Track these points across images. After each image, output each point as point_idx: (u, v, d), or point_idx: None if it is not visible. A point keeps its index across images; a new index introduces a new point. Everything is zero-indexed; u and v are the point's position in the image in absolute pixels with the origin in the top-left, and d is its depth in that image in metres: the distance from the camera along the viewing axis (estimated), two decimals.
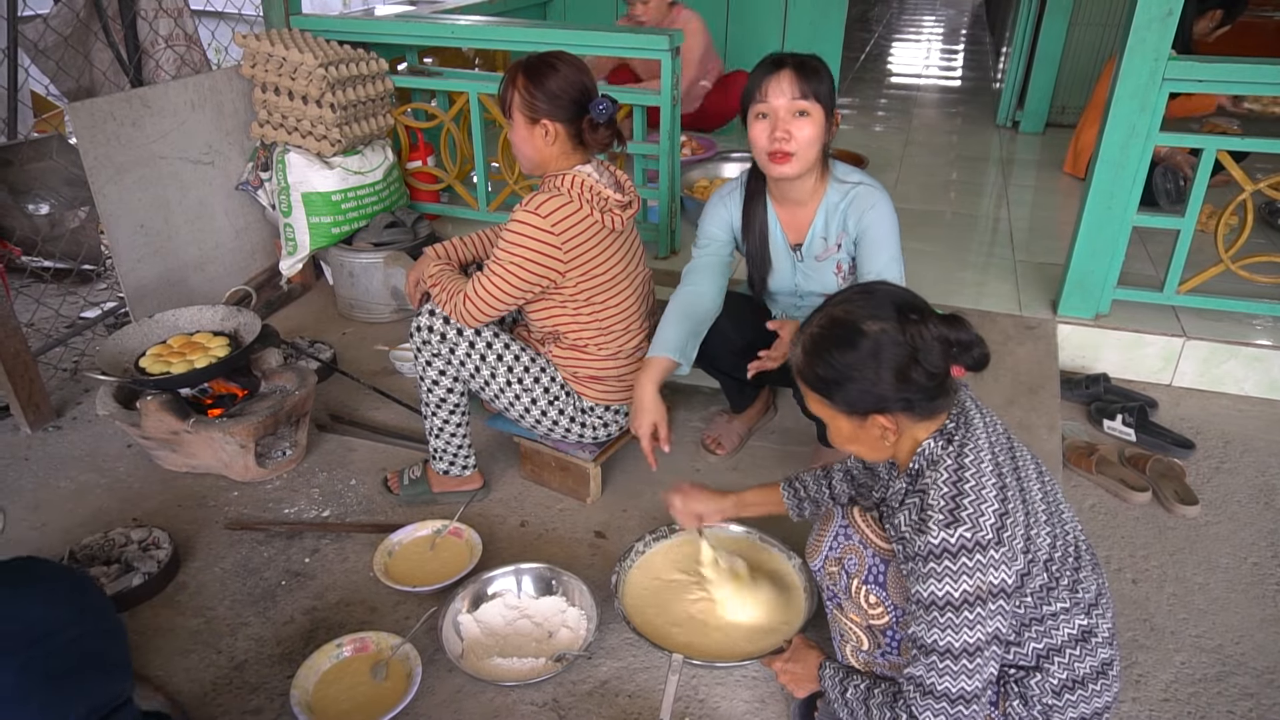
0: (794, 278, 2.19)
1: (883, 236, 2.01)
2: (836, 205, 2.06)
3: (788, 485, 1.84)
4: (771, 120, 1.93)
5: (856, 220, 2.04)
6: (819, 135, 1.95)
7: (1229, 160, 2.68)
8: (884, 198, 2.04)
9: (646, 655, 1.85)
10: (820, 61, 1.97)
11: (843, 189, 2.06)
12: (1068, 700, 1.42)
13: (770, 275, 2.20)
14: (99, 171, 2.75)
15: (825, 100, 1.94)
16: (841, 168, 2.10)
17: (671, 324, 2.06)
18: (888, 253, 2.01)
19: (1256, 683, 1.83)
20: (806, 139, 1.93)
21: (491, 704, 1.74)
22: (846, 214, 2.05)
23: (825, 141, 1.99)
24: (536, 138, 1.97)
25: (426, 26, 3.51)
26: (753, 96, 1.95)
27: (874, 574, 1.45)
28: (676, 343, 2.02)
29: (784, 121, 1.92)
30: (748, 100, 1.97)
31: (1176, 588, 2.08)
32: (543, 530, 2.22)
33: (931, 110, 6.09)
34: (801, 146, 1.93)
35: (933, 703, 1.32)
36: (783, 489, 1.85)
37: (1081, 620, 1.42)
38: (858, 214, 2.03)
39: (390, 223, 3.26)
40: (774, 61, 1.95)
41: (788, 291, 2.23)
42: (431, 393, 2.14)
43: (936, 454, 1.36)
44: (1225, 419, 2.73)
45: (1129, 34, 2.49)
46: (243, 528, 2.22)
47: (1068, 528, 1.45)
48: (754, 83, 1.95)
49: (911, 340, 1.30)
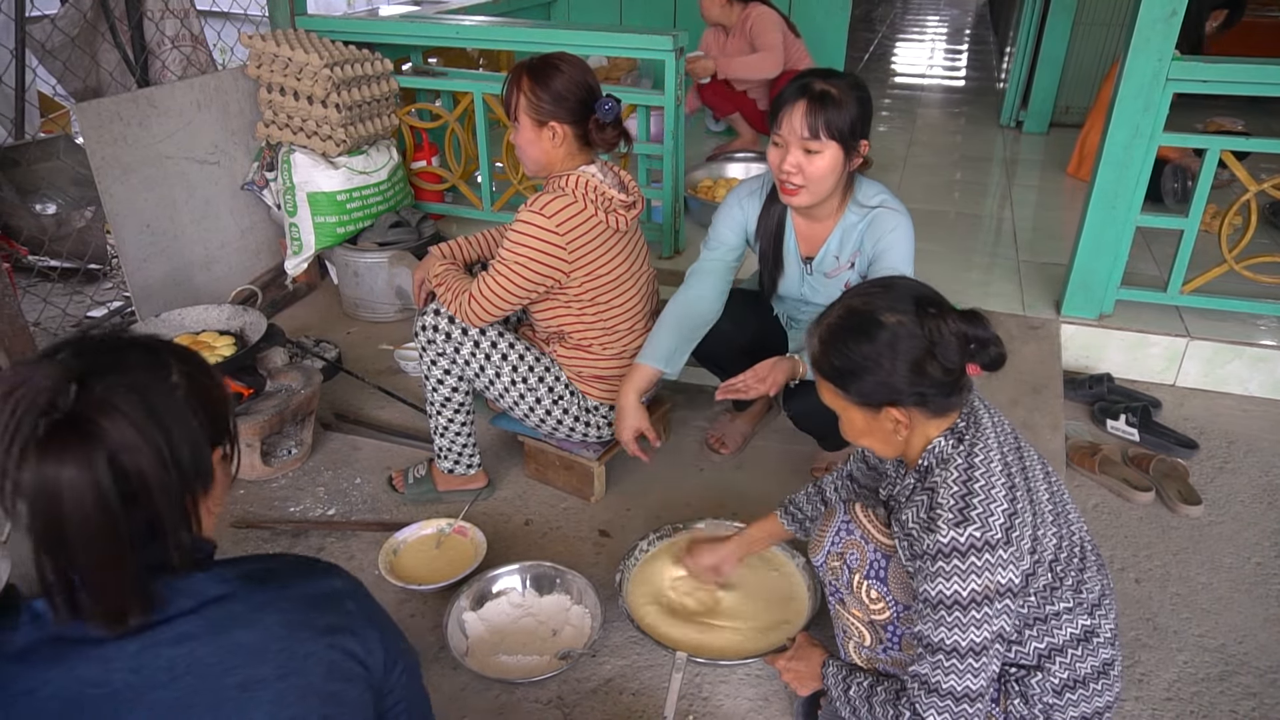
0: (801, 287, 2.18)
1: (897, 261, 1.97)
2: (854, 226, 2.03)
3: (784, 513, 1.85)
4: (783, 150, 1.90)
5: (874, 243, 2.00)
6: (833, 169, 1.90)
7: (1233, 160, 2.68)
8: (903, 221, 2.00)
9: (650, 653, 1.85)
10: (848, 88, 1.88)
11: (862, 211, 2.02)
12: (1068, 699, 1.42)
13: (781, 280, 2.19)
14: (106, 171, 2.77)
15: (844, 134, 1.86)
16: (866, 188, 2.04)
17: (664, 331, 2.07)
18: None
19: (1259, 682, 1.83)
20: (818, 173, 1.89)
21: (496, 701, 1.75)
22: (864, 236, 2.02)
23: (844, 173, 1.94)
24: (544, 140, 1.97)
25: (431, 27, 3.52)
26: (776, 118, 1.91)
27: (875, 569, 1.46)
28: (665, 352, 2.05)
29: (794, 155, 1.88)
30: (772, 118, 1.94)
31: (1180, 587, 2.08)
32: (547, 529, 2.23)
33: (935, 110, 6.09)
34: (812, 181, 1.90)
35: (937, 700, 1.32)
36: (780, 518, 1.85)
37: (1084, 620, 1.42)
38: (875, 237, 2.00)
39: (395, 222, 3.27)
40: (800, 87, 1.88)
41: (794, 297, 2.23)
42: (436, 392, 2.15)
43: (947, 452, 1.36)
44: (1229, 419, 2.73)
45: (1133, 34, 2.49)
46: (249, 526, 2.23)
47: (1073, 528, 1.46)
48: (778, 103, 1.90)
49: (929, 334, 1.30)
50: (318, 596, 0.98)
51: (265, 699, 0.89)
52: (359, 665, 0.97)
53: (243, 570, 0.95)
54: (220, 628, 0.89)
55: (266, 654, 0.90)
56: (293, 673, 0.91)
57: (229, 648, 0.89)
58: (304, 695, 0.91)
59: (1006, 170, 4.64)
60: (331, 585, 1.01)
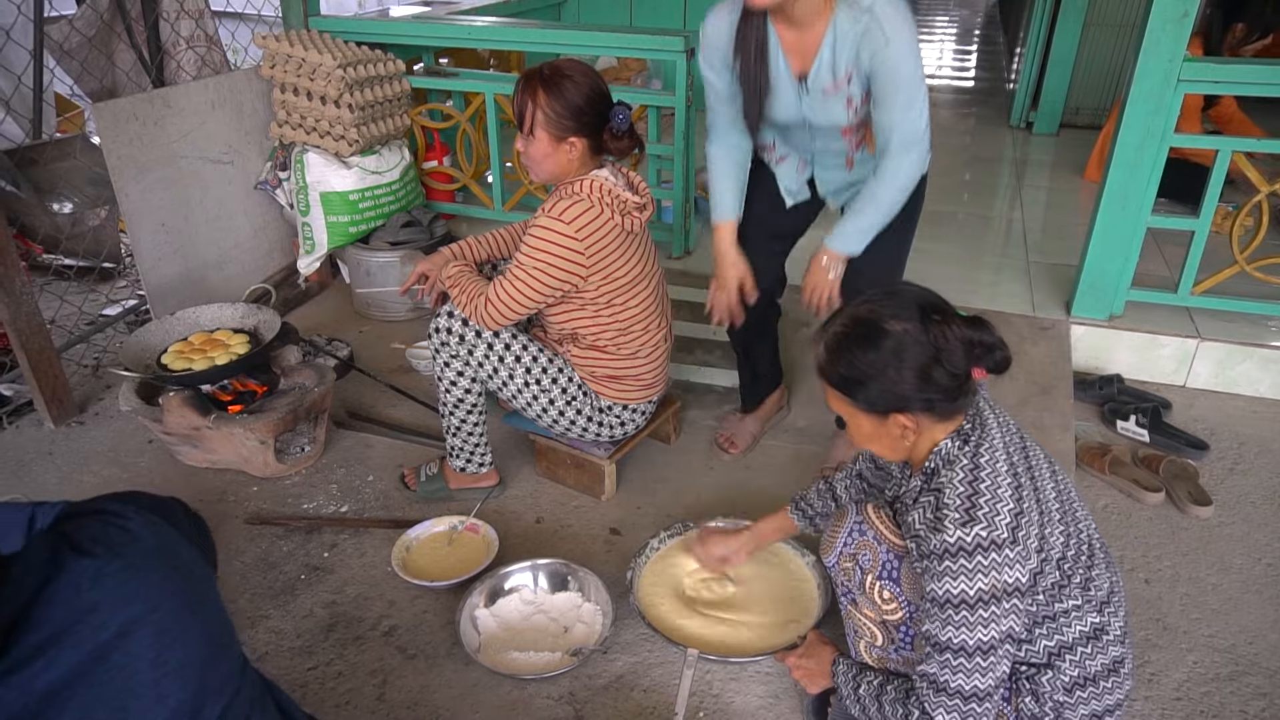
0: (800, 109, 1.95)
1: (898, 81, 1.76)
2: (847, 33, 1.78)
3: (795, 508, 1.86)
4: None
5: (870, 56, 1.76)
6: None
7: (1244, 162, 2.68)
8: (902, 27, 1.74)
9: (661, 651, 1.87)
10: None
11: (853, 14, 1.76)
12: (1079, 697, 1.43)
13: (771, 101, 1.94)
14: (121, 171, 2.79)
15: None
16: None
17: (726, 185, 2.13)
18: (904, 97, 1.78)
19: (1269, 683, 1.83)
20: None
21: (508, 697, 1.77)
22: (859, 46, 1.77)
23: None
24: (561, 154, 1.94)
25: (443, 27, 3.54)
26: None
27: (888, 570, 1.47)
28: (734, 204, 2.14)
29: None
30: None
31: (1189, 588, 2.08)
32: (558, 527, 2.25)
33: (945, 110, 6.09)
34: None
35: (946, 699, 1.33)
36: (791, 513, 1.87)
37: (1094, 618, 1.43)
38: (871, 49, 1.75)
39: (407, 222, 3.29)
40: None
41: (794, 123, 2.00)
42: (450, 392, 2.16)
43: (952, 454, 1.37)
44: (1240, 420, 2.73)
45: (1144, 35, 2.49)
46: (262, 522, 2.25)
47: (1081, 526, 1.46)
48: None
49: (934, 341, 1.31)
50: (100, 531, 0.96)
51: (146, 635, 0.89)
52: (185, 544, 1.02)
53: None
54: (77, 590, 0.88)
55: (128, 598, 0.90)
56: (160, 602, 0.92)
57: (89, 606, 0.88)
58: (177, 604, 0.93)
59: (1016, 171, 4.64)
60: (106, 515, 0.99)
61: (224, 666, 0.98)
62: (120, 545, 0.93)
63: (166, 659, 0.90)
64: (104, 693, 0.85)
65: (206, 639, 0.96)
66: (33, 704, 0.81)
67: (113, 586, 0.88)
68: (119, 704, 0.86)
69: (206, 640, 0.96)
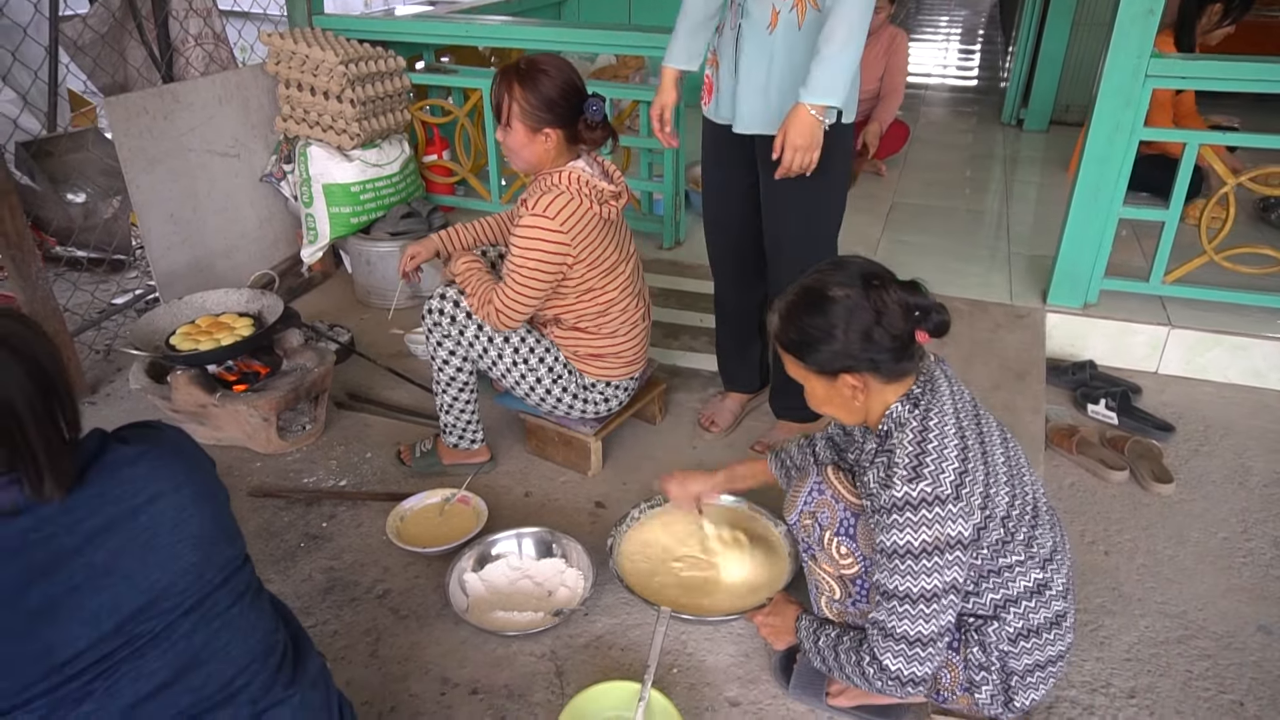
0: None
1: None
2: None
3: (774, 458, 1.97)
4: None
5: None
6: None
7: (1212, 155, 2.78)
8: None
9: (640, 613, 1.97)
10: None
11: None
12: (1023, 648, 1.53)
13: None
14: (133, 163, 2.91)
15: None
16: None
17: (680, 38, 2.21)
18: None
19: (1215, 645, 1.93)
20: None
21: (494, 654, 1.88)
22: None
23: None
24: (537, 144, 2.04)
25: (443, 26, 3.65)
26: None
27: (845, 527, 1.57)
28: (683, 55, 2.22)
29: None
30: None
31: (1146, 559, 2.18)
32: (545, 500, 2.36)
33: (940, 109, 6.19)
34: None
35: (892, 644, 1.44)
36: (770, 462, 1.97)
37: (1037, 574, 1.53)
38: None
39: (406, 213, 3.40)
40: None
41: None
42: (442, 371, 2.27)
43: (903, 417, 1.48)
44: (1207, 405, 2.82)
45: (1112, 31, 2.59)
46: (265, 495, 2.36)
47: (1028, 489, 1.57)
48: None
49: (874, 304, 1.43)
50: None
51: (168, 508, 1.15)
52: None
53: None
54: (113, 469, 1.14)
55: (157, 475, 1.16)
56: (183, 482, 1.18)
57: (125, 479, 1.13)
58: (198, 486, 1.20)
59: (1005, 167, 4.73)
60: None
61: (227, 551, 1.23)
62: (155, 439, 1.20)
63: (182, 528, 1.15)
64: (131, 544, 1.11)
65: (215, 523, 1.21)
66: (79, 539, 1.08)
67: (146, 466, 1.15)
68: (141, 554, 1.12)
69: (215, 524, 1.21)
